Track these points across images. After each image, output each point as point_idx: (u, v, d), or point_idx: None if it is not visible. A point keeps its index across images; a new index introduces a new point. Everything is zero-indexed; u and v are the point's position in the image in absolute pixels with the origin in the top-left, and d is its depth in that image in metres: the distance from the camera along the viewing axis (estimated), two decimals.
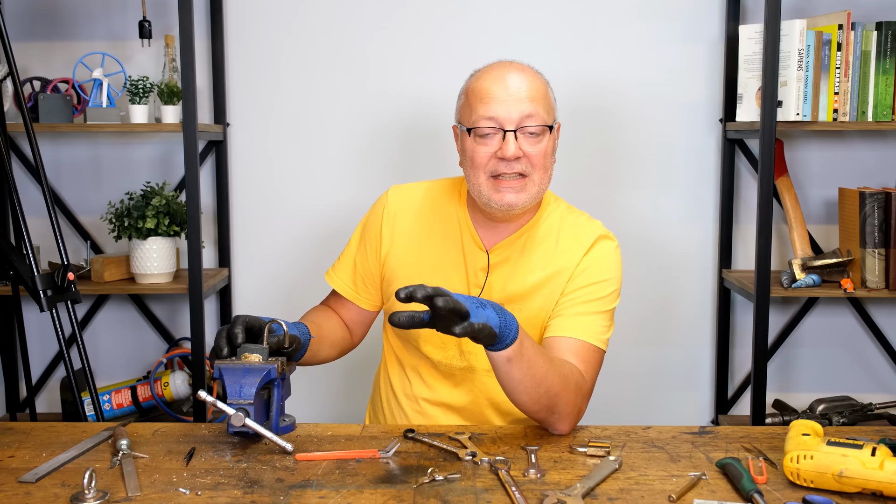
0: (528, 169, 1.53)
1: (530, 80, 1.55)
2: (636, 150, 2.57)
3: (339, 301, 1.75)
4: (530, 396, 1.39)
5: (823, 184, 2.57)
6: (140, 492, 1.20)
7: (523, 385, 1.38)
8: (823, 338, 2.65)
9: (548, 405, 1.41)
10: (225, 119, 2.58)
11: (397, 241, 1.68)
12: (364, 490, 1.20)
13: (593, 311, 1.56)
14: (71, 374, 2.07)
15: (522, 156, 1.52)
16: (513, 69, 1.56)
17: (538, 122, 1.52)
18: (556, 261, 1.61)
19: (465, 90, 1.60)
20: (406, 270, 1.66)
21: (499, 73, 1.55)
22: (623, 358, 2.60)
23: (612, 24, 2.53)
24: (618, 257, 1.63)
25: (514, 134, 1.51)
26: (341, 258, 1.75)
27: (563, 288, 1.59)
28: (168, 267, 2.41)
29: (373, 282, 1.71)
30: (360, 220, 1.76)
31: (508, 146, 1.50)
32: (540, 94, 1.54)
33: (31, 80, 2.47)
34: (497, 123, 1.52)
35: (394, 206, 1.69)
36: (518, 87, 1.52)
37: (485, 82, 1.55)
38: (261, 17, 2.56)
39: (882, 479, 1.15)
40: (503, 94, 1.52)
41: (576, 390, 1.44)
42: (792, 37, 2.25)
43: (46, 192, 2.07)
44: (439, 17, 2.54)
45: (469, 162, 1.56)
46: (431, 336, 1.63)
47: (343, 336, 1.73)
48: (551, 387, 1.39)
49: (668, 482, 1.25)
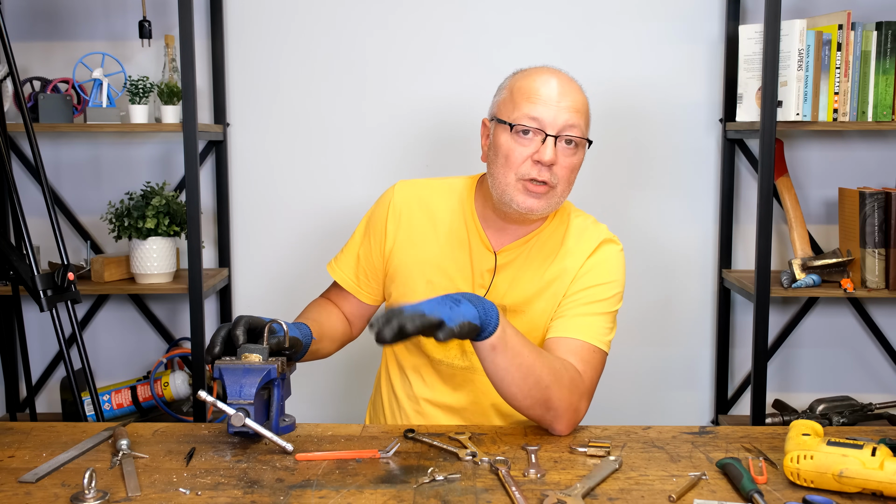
0: (555, 180, 1.53)
1: (578, 91, 1.56)
2: (636, 150, 2.57)
3: (340, 293, 1.75)
4: (520, 388, 1.39)
5: (823, 184, 2.57)
6: (140, 492, 1.20)
7: (510, 375, 1.38)
8: (823, 338, 2.65)
9: (540, 399, 1.40)
10: (225, 119, 2.58)
11: (402, 237, 1.67)
12: (364, 490, 1.20)
13: (595, 312, 1.56)
14: (71, 374, 2.07)
15: (556, 164, 1.52)
16: (563, 77, 1.56)
17: (578, 133, 1.53)
18: (561, 262, 1.61)
19: (509, 86, 1.58)
20: (410, 268, 1.65)
21: (548, 77, 1.55)
22: (623, 358, 2.60)
23: (612, 24, 2.53)
24: (622, 261, 1.63)
25: (555, 140, 1.51)
26: (344, 250, 1.75)
27: (566, 290, 1.59)
28: (168, 267, 2.41)
29: (375, 276, 1.71)
30: (366, 213, 1.75)
31: (547, 150, 1.50)
32: (584, 108, 1.56)
33: (31, 80, 2.47)
34: (540, 125, 1.51)
35: (400, 201, 1.68)
36: (566, 95, 1.53)
37: (534, 82, 1.54)
38: (261, 17, 2.56)
39: (882, 479, 1.15)
40: (552, 97, 1.52)
41: (570, 386, 1.43)
42: (792, 37, 2.25)
43: (46, 192, 2.07)
44: (439, 17, 2.54)
45: (502, 159, 1.54)
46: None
47: (343, 330, 1.74)
48: (541, 378, 1.39)
49: (668, 482, 1.25)
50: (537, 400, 1.41)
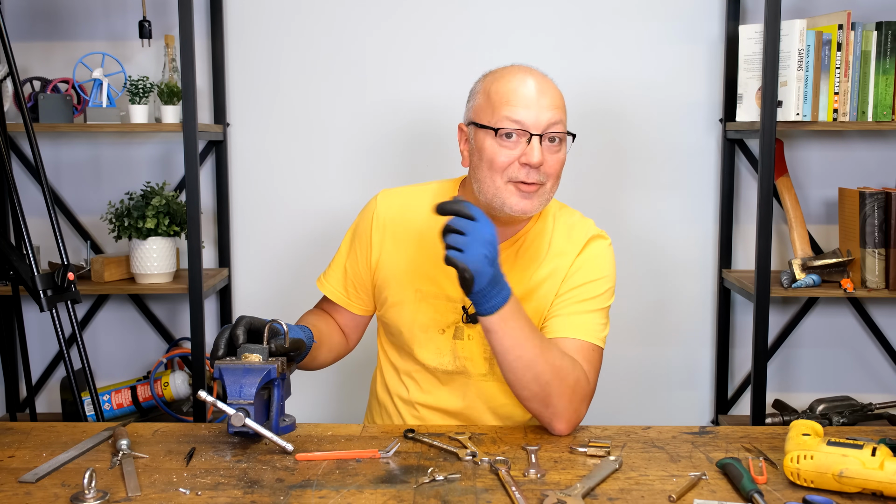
0: (544, 177, 1.52)
1: (553, 87, 1.55)
2: (636, 151, 2.57)
3: (332, 306, 1.75)
4: (518, 378, 1.42)
5: (823, 184, 2.57)
6: (140, 492, 1.20)
7: (507, 363, 1.41)
8: (823, 338, 2.65)
9: (538, 393, 1.41)
10: (225, 119, 2.58)
11: (387, 246, 1.66)
12: (364, 490, 1.20)
13: (589, 309, 1.55)
14: (71, 374, 2.07)
15: (544, 163, 1.51)
16: (537, 74, 1.55)
17: (562, 129, 1.52)
18: (550, 262, 1.60)
19: (483, 90, 1.56)
20: (398, 277, 1.64)
21: (524, 77, 1.53)
22: (623, 358, 2.60)
23: (612, 24, 2.53)
24: (611, 255, 1.62)
25: (540, 139, 1.50)
26: (332, 265, 1.74)
27: (558, 289, 1.58)
28: (168, 267, 2.41)
29: (364, 288, 1.70)
30: (350, 225, 1.74)
31: (534, 152, 1.48)
32: (562, 102, 1.55)
33: (31, 80, 2.47)
34: (524, 127, 1.50)
35: (383, 211, 1.67)
36: (545, 93, 1.52)
37: (510, 83, 1.53)
38: (261, 17, 2.56)
39: (882, 479, 1.15)
40: (531, 97, 1.51)
41: (574, 386, 1.43)
42: (792, 37, 2.25)
43: (46, 192, 2.07)
44: (439, 16, 2.54)
45: (487, 163, 1.52)
46: (426, 342, 1.62)
47: (339, 341, 1.73)
48: (540, 374, 1.40)
49: (668, 482, 1.25)
50: (535, 393, 1.42)
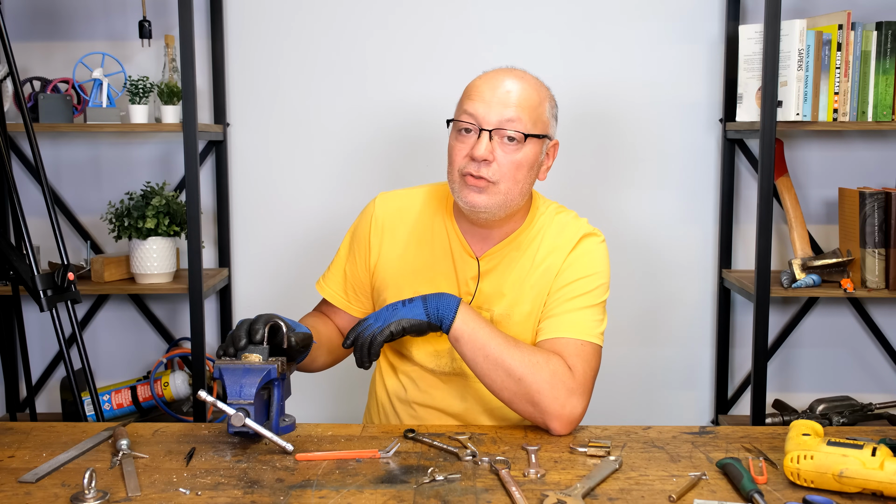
0: (496, 176, 1.51)
1: (524, 87, 1.53)
2: (636, 150, 2.57)
3: (332, 309, 1.75)
4: (492, 380, 1.46)
5: (823, 184, 2.57)
6: (140, 492, 1.20)
7: (479, 366, 1.46)
8: (823, 338, 2.65)
9: (519, 392, 1.43)
10: (225, 119, 2.58)
11: (386, 249, 1.66)
12: (364, 490, 1.21)
13: (583, 306, 1.55)
14: (71, 374, 2.07)
15: (493, 160, 1.50)
16: (510, 75, 1.55)
17: (518, 128, 1.51)
18: (543, 262, 1.60)
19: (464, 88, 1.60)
20: (397, 280, 1.65)
21: (494, 75, 1.56)
22: (623, 358, 2.60)
23: (612, 24, 2.53)
24: (603, 252, 1.62)
25: (490, 135, 1.50)
26: (331, 268, 1.75)
27: (550, 287, 1.58)
28: (168, 267, 2.41)
29: (363, 290, 1.71)
30: (349, 228, 1.75)
31: (480, 146, 1.49)
32: (529, 103, 1.53)
33: (31, 80, 2.47)
34: (475, 121, 1.51)
35: (381, 214, 1.68)
36: (507, 91, 1.52)
37: (479, 80, 1.56)
38: (261, 17, 2.56)
39: (882, 480, 1.15)
40: (489, 94, 1.52)
41: (551, 379, 1.43)
42: (792, 37, 2.25)
43: (46, 192, 2.07)
44: (439, 17, 2.54)
45: (448, 158, 1.57)
46: (423, 345, 1.62)
47: (338, 344, 1.73)
48: (511, 369, 1.43)
49: (668, 482, 1.25)
50: (515, 393, 1.44)
